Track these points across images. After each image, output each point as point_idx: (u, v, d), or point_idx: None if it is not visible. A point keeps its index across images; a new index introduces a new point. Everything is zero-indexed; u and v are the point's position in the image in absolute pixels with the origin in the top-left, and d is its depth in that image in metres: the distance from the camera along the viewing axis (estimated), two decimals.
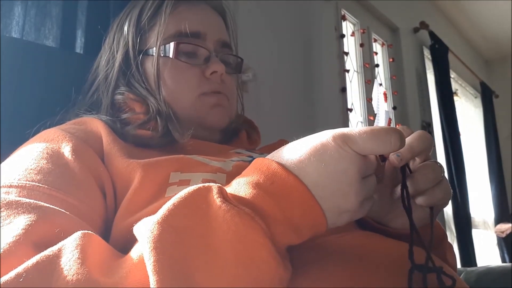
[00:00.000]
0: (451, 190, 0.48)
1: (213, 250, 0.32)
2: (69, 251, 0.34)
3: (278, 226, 0.35)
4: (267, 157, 0.40)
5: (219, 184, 0.37)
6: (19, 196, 0.42)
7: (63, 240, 0.36)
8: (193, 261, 0.31)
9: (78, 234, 0.36)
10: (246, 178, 0.37)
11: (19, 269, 0.32)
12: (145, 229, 0.33)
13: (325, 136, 0.38)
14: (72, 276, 0.31)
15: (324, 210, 0.36)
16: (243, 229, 0.32)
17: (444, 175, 0.47)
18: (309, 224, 0.36)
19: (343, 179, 0.37)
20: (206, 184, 0.36)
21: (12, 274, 0.32)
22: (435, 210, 0.48)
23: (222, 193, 0.35)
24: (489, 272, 1.33)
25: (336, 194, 0.37)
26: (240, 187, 0.37)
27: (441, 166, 0.46)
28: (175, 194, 0.48)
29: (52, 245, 0.35)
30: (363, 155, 0.38)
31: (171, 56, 0.66)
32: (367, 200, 0.39)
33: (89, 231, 0.37)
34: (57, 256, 0.33)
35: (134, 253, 0.35)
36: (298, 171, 0.36)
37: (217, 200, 0.34)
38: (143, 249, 0.32)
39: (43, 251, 0.34)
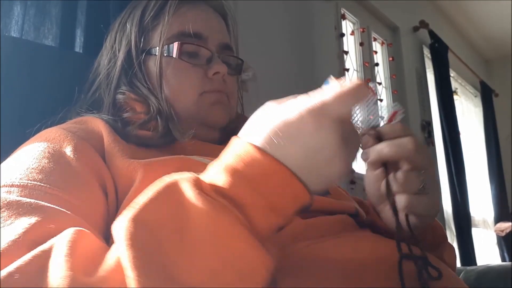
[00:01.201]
0: (431, 208, 0.48)
1: (189, 245, 0.31)
2: (58, 248, 0.34)
3: (258, 211, 0.34)
4: (241, 134, 0.39)
5: (195, 175, 0.36)
6: (21, 196, 0.42)
7: None
8: (170, 257, 0.31)
9: (70, 231, 0.36)
10: (222, 164, 0.36)
11: (11, 267, 0.32)
12: (120, 227, 0.32)
13: (299, 109, 0.36)
14: (57, 274, 0.31)
15: (308, 182, 0.36)
16: (219, 223, 0.32)
17: (427, 188, 0.46)
18: (292, 203, 0.36)
19: (326, 150, 0.36)
20: (181, 175, 0.36)
21: (4, 272, 0.32)
22: (419, 219, 0.48)
23: (198, 184, 0.35)
24: (489, 271, 1.34)
25: (321, 164, 0.36)
26: (217, 174, 0.36)
27: (415, 178, 0.46)
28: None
29: None
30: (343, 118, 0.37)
31: (174, 56, 0.66)
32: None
33: (82, 228, 0.37)
34: (47, 255, 0.33)
35: (113, 252, 0.34)
36: (276, 150, 0.35)
37: (192, 192, 0.34)
38: (119, 248, 0.32)
39: None
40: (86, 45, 0.90)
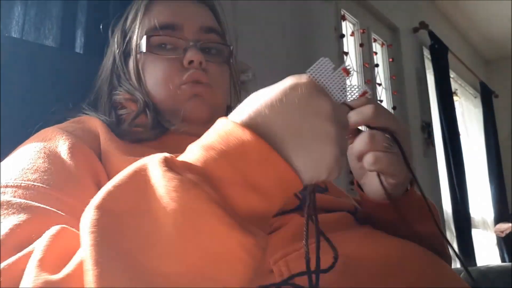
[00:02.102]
0: (398, 166, 0.49)
1: (154, 226, 0.29)
2: (34, 253, 0.33)
3: (234, 187, 0.31)
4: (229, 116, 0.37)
5: (168, 154, 0.33)
6: (14, 196, 0.42)
7: None
8: (133, 241, 0.29)
9: (51, 230, 0.35)
10: (199, 141, 0.34)
11: None
12: (84, 216, 0.30)
13: (283, 85, 0.35)
14: (28, 280, 0.30)
15: (294, 162, 0.33)
16: (186, 199, 0.29)
17: (393, 147, 0.48)
18: (276, 184, 0.32)
19: (315, 119, 0.33)
20: (153, 156, 0.33)
21: None
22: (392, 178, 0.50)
23: (167, 162, 0.32)
24: (489, 271, 1.34)
25: (309, 142, 0.33)
26: (191, 152, 0.33)
27: (379, 137, 0.47)
28: None
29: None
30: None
31: (144, 50, 0.67)
32: (342, 156, 0.35)
33: (67, 226, 0.36)
34: (25, 260, 0.33)
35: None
36: (257, 126, 0.33)
37: (160, 170, 0.31)
38: (82, 237, 0.30)
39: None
40: (86, 45, 0.91)
